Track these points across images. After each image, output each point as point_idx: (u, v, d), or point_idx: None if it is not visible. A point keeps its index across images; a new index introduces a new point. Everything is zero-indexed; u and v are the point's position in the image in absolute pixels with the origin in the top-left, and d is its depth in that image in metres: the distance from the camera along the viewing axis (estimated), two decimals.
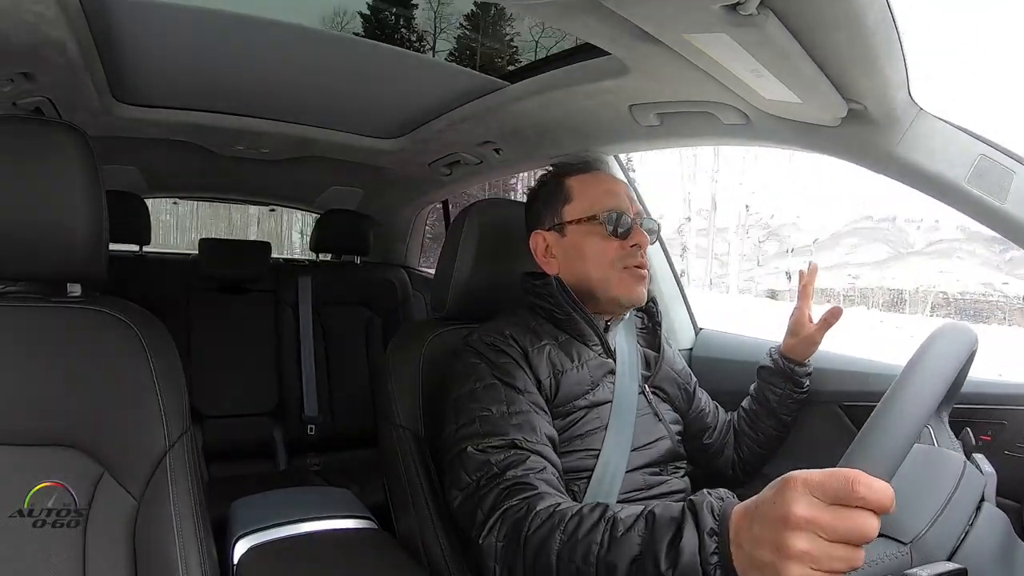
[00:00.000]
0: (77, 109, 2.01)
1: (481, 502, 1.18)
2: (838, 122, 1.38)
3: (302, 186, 3.51)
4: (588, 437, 1.41)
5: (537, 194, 1.63)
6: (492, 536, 1.13)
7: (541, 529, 1.06)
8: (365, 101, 2.21)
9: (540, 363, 1.42)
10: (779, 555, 0.73)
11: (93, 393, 1.15)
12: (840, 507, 0.71)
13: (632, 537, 0.95)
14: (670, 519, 0.92)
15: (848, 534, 0.71)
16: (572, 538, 1.01)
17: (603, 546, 0.97)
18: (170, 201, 4.97)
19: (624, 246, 1.50)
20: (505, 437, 1.26)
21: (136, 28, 1.63)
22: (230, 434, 3.00)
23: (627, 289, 1.50)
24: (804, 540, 0.71)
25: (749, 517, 0.80)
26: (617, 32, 1.23)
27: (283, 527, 1.58)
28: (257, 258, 3.28)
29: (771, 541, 0.74)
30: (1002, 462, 1.36)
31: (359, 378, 3.28)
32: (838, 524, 0.71)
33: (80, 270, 1.20)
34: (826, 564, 0.71)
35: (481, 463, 1.23)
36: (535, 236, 1.58)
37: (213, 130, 2.42)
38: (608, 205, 1.51)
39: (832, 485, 0.72)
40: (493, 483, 1.19)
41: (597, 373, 1.48)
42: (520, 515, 1.10)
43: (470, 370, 1.40)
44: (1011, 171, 1.32)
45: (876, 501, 0.70)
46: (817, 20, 1.01)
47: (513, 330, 1.47)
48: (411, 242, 3.82)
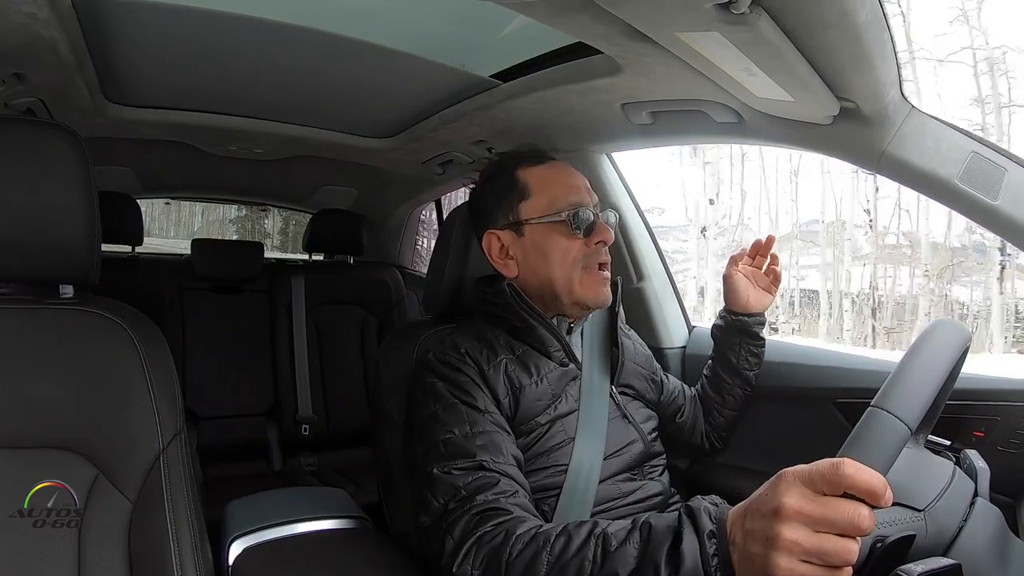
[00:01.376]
0: (69, 110, 2.00)
1: (451, 528, 1.11)
2: (830, 120, 1.38)
3: (295, 186, 3.50)
4: (555, 452, 1.35)
5: (484, 188, 1.51)
6: (467, 564, 1.06)
7: (524, 553, 1.00)
8: (358, 100, 2.21)
9: (497, 381, 1.34)
10: (768, 546, 0.74)
11: (86, 395, 1.14)
12: (830, 497, 0.72)
13: (628, 550, 0.91)
14: (667, 527, 0.89)
15: (837, 522, 0.71)
16: (561, 558, 0.96)
17: (596, 563, 0.93)
18: (163, 201, 4.95)
19: (588, 244, 1.40)
20: (471, 459, 1.19)
21: (128, 28, 1.62)
22: (224, 435, 2.99)
23: (592, 291, 1.41)
24: (793, 530, 0.72)
25: (743, 514, 0.81)
26: (610, 31, 1.23)
27: (278, 528, 1.58)
28: (250, 258, 3.27)
29: (762, 533, 0.75)
30: (995, 458, 1.37)
31: (353, 378, 3.27)
32: (827, 512, 0.72)
33: (73, 271, 1.19)
34: (816, 555, 0.72)
35: (448, 486, 1.16)
36: (488, 236, 1.46)
37: (205, 130, 2.42)
38: (570, 200, 1.41)
39: (819, 471, 0.73)
40: (463, 507, 1.12)
41: (559, 385, 1.41)
42: (498, 541, 1.04)
43: (429, 391, 1.33)
44: (1003, 168, 1.32)
45: (865, 484, 0.71)
46: (809, 19, 1.01)
47: (469, 345, 1.39)
48: (404, 241, 3.82)
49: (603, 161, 2.15)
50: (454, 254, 1.60)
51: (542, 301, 1.43)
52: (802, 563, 0.72)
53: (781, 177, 13.67)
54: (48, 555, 1.08)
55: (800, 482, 0.74)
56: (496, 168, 1.51)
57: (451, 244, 1.60)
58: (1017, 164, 1.33)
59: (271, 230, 9.44)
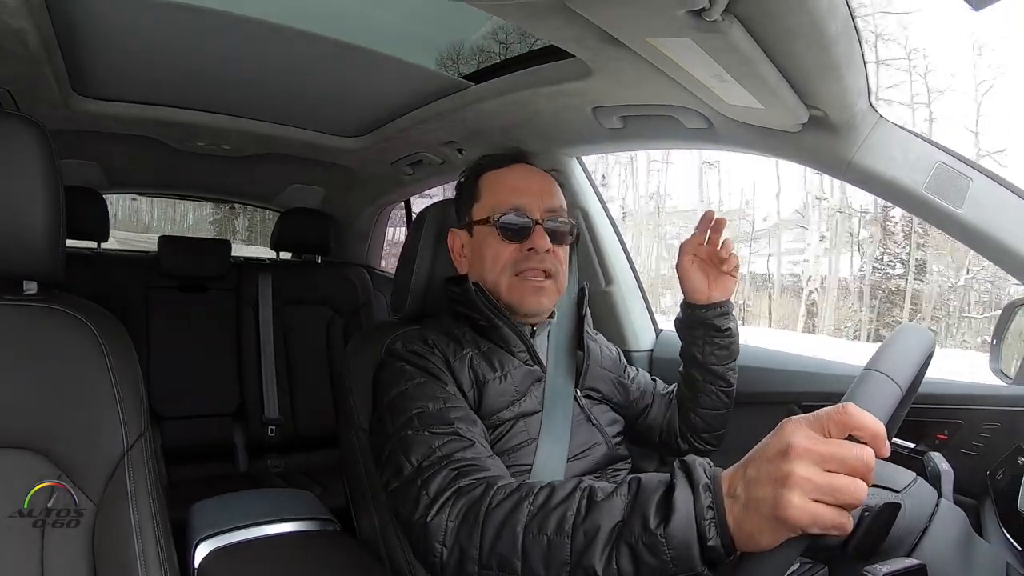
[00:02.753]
0: (36, 101, 1.97)
1: (426, 484, 1.07)
2: (799, 128, 1.39)
3: (263, 184, 3.46)
4: (517, 452, 1.34)
5: (459, 190, 1.57)
6: (443, 515, 1.02)
7: (505, 502, 0.97)
8: (328, 99, 2.20)
9: (462, 373, 1.34)
10: (777, 485, 0.72)
11: (48, 394, 1.12)
12: (836, 439, 0.73)
13: (615, 502, 0.88)
14: (659, 481, 0.86)
15: (847, 459, 0.72)
16: (543, 508, 0.93)
17: (580, 513, 0.90)
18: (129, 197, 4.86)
19: (520, 249, 1.41)
20: (447, 425, 1.18)
21: (98, 20, 1.60)
22: (189, 435, 2.94)
23: (519, 297, 1.41)
24: (804, 468, 0.72)
25: (742, 467, 0.79)
26: (582, 35, 1.24)
27: (244, 530, 1.57)
28: (217, 256, 3.22)
29: (770, 475, 0.74)
30: (959, 460, 1.39)
31: (320, 379, 3.24)
32: (836, 450, 0.72)
33: (36, 267, 1.16)
34: (829, 493, 0.71)
35: (424, 447, 1.14)
36: (451, 234, 1.53)
37: (174, 125, 2.38)
38: (510, 203, 1.42)
39: (826, 415, 0.74)
40: (440, 464, 1.10)
41: (523, 383, 1.40)
42: (478, 492, 1.02)
43: (398, 374, 1.32)
44: (968, 178, 1.35)
45: (870, 425, 0.72)
46: (780, 28, 1.02)
47: (435, 337, 1.40)
48: (372, 242, 3.79)
49: (573, 164, 2.16)
50: (422, 255, 1.59)
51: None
52: (814, 501, 0.71)
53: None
54: (10, 556, 1.06)
55: (806, 425, 0.74)
56: (468, 172, 1.55)
57: (419, 245, 1.59)
58: (982, 174, 1.36)
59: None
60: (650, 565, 0.82)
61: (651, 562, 0.81)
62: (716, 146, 1.69)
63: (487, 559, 0.96)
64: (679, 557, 0.80)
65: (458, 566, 0.99)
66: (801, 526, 0.71)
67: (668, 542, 0.80)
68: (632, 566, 0.83)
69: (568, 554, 0.88)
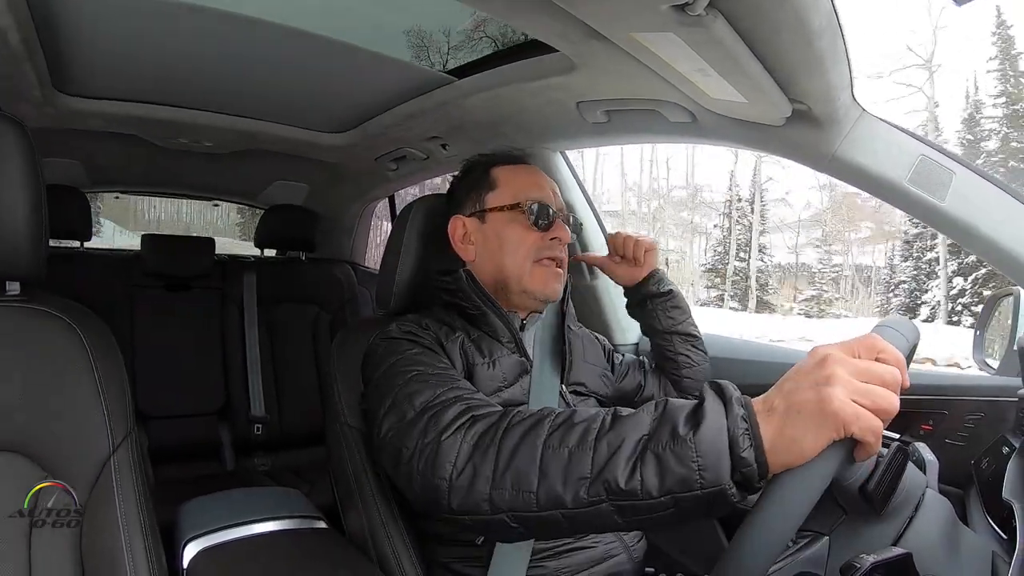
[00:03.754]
0: (17, 99, 1.95)
1: (436, 416, 1.05)
2: (783, 122, 1.40)
3: (247, 181, 3.44)
4: None
5: (461, 180, 1.59)
6: (458, 436, 0.99)
7: (526, 421, 0.95)
8: (312, 94, 2.19)
9: (454, 355, 1.36)
10: (823, 385, 0.75)
11: (33, 395, 1.10)
12: (870, 361, 0.78)
13: (641, 416, 0.86)
14: (687, 401, 0.85)
15: (879, 373, 0.76)
16: (565, 424, 0.91)
17: (604, 427, 0.88)
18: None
19: (544, 238, 1.47)
20: (451, 381, 1.18)
21: (80, 17, 1.58)
22: (176, 435, 2.93)
23: (542, 283, 1.46)
24: (843, 371, 0.75)
25: (778, 386, 0.81)
26: (566, 29, 1.23)
27: (233, 529, 1.56)
28: (201, 254, 3.20)
29: (811, 380, 0.77)
30: (944, 450, 1.40)
31: (306, 376, 3.23)
32: (869, 365, 0.76)
33: (19, 267, 1.15)
34: (867, 395, 0.74)
35: (428, 393, 1.12)
36: (454, 221, 1.53)
37: (156, 123, 2.36)
38: (533, 196, 1.48)
39: (856, 340, 0.80)
40: (449, 402, 1.07)
41: (511, 372, 1.43)
42: (495, 418, 0.99)
43: (393, 347, 1.31)
44: (951, 171, 1.36)
45: (893, 354, 0.78)
46: (764, 22, 1.02)
47: (428, 322, 1.43)
48: (357, 238, 3.78)
49: (557, 159, 2.16)
50: (407, 250, 1.59)
51: (494, 291, 1.47)
52: (855, 405, 0.73)
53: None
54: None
55: (837, 346, 0.79)
56: (473, 164, 1.59)
57: (404, 240, 1.59)
58: (964, 167, 1.37)
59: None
60: (677, 475, 0.79)
61: (678, 471, 0.79)
62: (700, 140, 1.69)
63: (501, 477, 0.92)
64: (708, 466, 0.78)
65: (468, 487, 0.95)
66: (844, 420, 0.73)
67: (697, 448, 0.78)
68: (657, 478, 0.80)
69: (589, 467, 0.85)
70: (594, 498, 0.85)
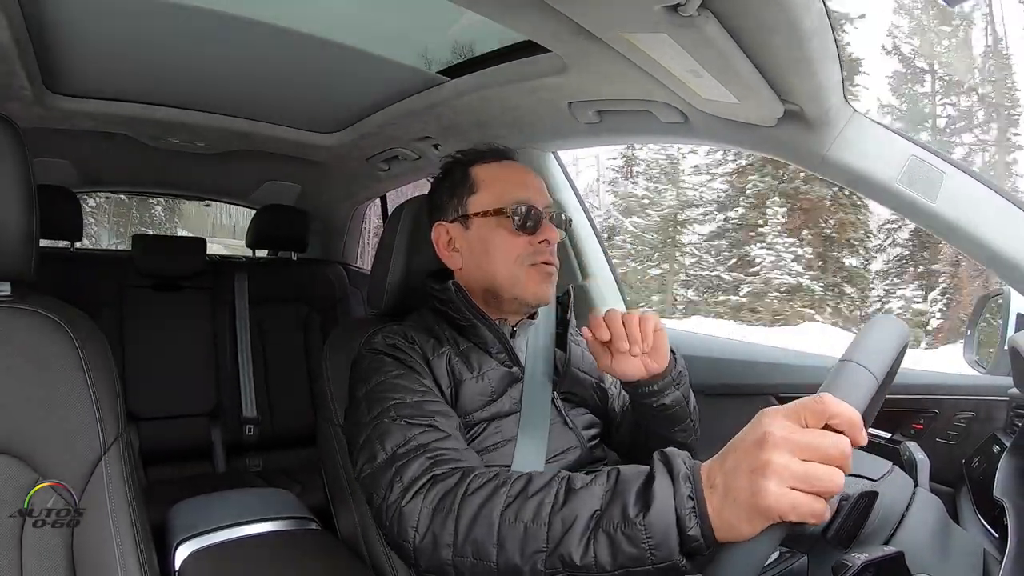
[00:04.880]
0: (7, 98, 1.94)
1: (401, 471, 1.07)
2: (774, 122, 1.40)
3: (238, 181, 3.44)
4: (491, 452, 1.33)
5: (441, 183, 1.51)
6: (418, 500, 1.01)
7: (482, 490, 0.97)
8: (303, 95, 2.19)
9: (440, 370, 1.33)
10: (755, 475, 0.73)
11: (23, 396, 1.09)
12: (813, 429, 0.74)
13: (593, 490, 0.88)
14: (637, 472, 0.87)
15: (824, 448, 0.72)
16: (520, 496, 0.93)
17: (558, 501, 0.89)
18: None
19: (532, 242, 1.39)
20: (425, 417, 1.17)
21: (71, 16, 1.58)
22: (167, 436, 2.91)
23: (533, 288, 1.40)
24: (781, 456, 0.72)
25: (720, 458, 0.80)
26: (558, 29, 1.24)
27: (224, 531, 1.56)
28: (192, 255, 3.18)
29: (748, 464, 0.74)
30: (934, 449, 1.41)
31: (298, 377, 3.22)
32: (812, 439, 0.73)
33: (9, 267, 1.14)
34: (806, 481, 0.72)
35: (399, 435, 1.13)
36: (437, 228, 1.48)
37: (147, 122, 2.36)
38: (517, 197, 1.40)
39: (802, 405, 0.74)
40: (416, 452, 1.09)
41: (500, 384, 1.39)
42: (453, 480, 1.01)
43: (377, 365, 1.31)
44: (941, 172, 1.36)
45: (847, 414, 0.73)
46: (756, 23, 1.03)
47: (415, 333, 1.39)
48: (348, 238, 3.77)
49: (548, 159, 2.16)
50: (398, 250, 1.58)
51: (484, 299, 1.43)
52: (791, 489, 0.72)
53: None
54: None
55: (782, 416, 0.75)
56: (452, 164, 1.52)
57: (395, 240, 1.59)
58: (955, 168, 1.37)
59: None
60: (629, 554, 0.81)
61: (630, 551, 0.81)
62: (692, 140, 1.69)
63: (462, 546, 0.95)
64: (658, 546, 0.80)
65: (431, 552, 0.98)
66: (779, 513, 0.72)
67: (648, 531, 0.80)
68: (610, 556, 0.83)
69: (545, 542, 0.88)
70: (550, 570, 0.88)
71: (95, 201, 19.76)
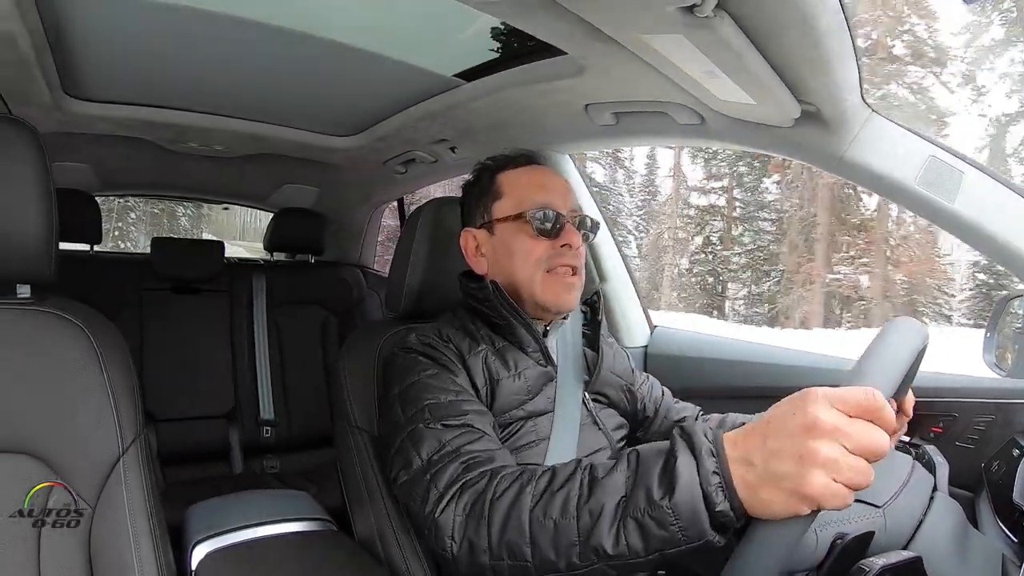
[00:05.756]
0: (27, 104, 1.96)
1: (435, 478, 1.09)
2: (791, 123, 1.39)
3: (256, 184, 3.44)
4: (525, 451, 1.34)
5: (470, 189, 1.53)
6: (451, 509, 1.03)
7: (508, 491, 0.98)
8: (321, 98, 2.19)
9: (476, 369, 1.34)
10: (802, 463, 0.72)
11: (43, 397, 1.11)
12: (862, 420, 0.73)
13: (616, 477, 0.88)
14: (658, 451, 0.86)
15: (869, 446, 0.72)
16: (546, 492, 0.94)
17: (583, 493, 0.90)
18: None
19: (554, 246, 1.39)
20: (459, 417, 1.18)
21: (89, 22, 1.59)
22: (185, 437, 2.93)
23: (553, 294, 1.39)
24: (830, 447, 0.71)
25: (759, 434, 0.78)
26: (574, 32, 1.24)
27: (241, 531, 1.56)
28: (210, 257, 3.21)
29: (792, 451, 0.73)
30: (953, 453, 1.40)
31: (315, 379, 3.24)
32: (862, 435, 0.72)
33: (29, 270, 1.15)
34: (845, 474, 0.71)
35: (434, 440, 1.15)
36: (465, 234, 1.49)
37: (166, 126, 2.38)
38: (537, 201, 1.40)
39: (854, 397, 0.73)
40: (449, 458, 1.11)
41: (536, 383, 1.39)
42: (482, 484, 1.03)
43: (412, 363, 1.32)
44: (960, 172, 1.35)
45: (889, 419, 0.73)
46: (772, 23, 1.02)
47: (451, 332, 1.40)
48: (366, 241, 3.78)
49: (565, 161, 2.16)
50: (417, 253, 1.59)
51: (514, 300, 1.42)
52: (833, 482, 0.71)
53: None
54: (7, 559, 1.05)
55: (831, 402, 0.73)
56: (480, 170, 1.53)
57: (413, 243, 1.59)
58: (974, 168, 1.36)
59: None
60: (660, 537, 0.81)
61: (661, 534, 0.81)
62: (709, 142, 1.69)
63: (497, 549, 0.96)
64: (689, 526, 0.79)
65: (470, 559, 1.00)
66: (820, 500, 0.72)
67: (675, 512, 0.80)
68: (642, 541, 0.83)
69: (576, 535, 0.88)
70: (586, 562, 0.88)
71: (135, 215, 20.00)
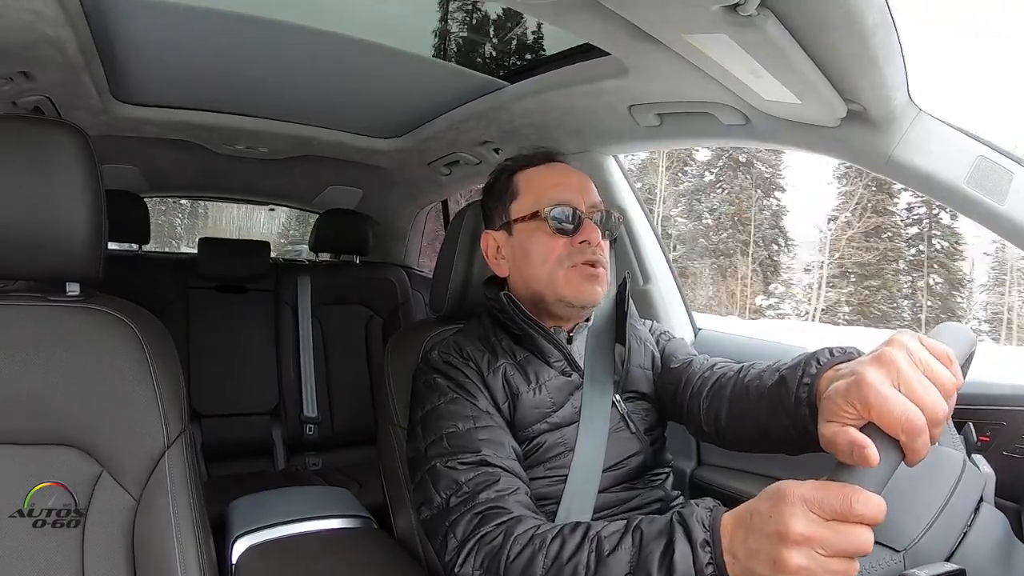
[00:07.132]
0: (77, 108, 2.01)
1: (454, 526, 1.11)
2: (837, 123, 1.38)
3: (301, 185, 3.50)
4: (553, 462, 1.32)
5: (490, 191, 1.52)
6: (468, 565, 1.06)
7: (522, 556, 1.01)
8: (365, 101, 2.22)
9: (496, 386, 1.33)
10: (775, 569, 0.73)
11: (92, 392, 1.14)
12: (838, 523, 0.71)
13: (620, 555, 0.91)
14: (658, 532, 0.89)
15: (846, 550, 0.71)
16: (556, 562, 0.97)
17: (590, 568, 0.93)
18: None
19: (572, 243, 1.36)
20: (475, 453, 1.19)
21: (136, 27, 1.63)
22: (228, 433, 2.98)
23: (575, 288, 1.35)
24: (802, 556, 0.71)
25: (744, 528, 0.79)
26: (617, 32, 1.24)
27: (282, 527, 1.59)
28: (256, 257, 3.26)
29: (768, 555, 0.74)
30: (1001, 463, 1.36)
31: (359, 378, 3.27)
32: (836, 540, 0.71)
33: (79, 269, 1.19)
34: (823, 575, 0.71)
35: (451, 481, 1.16)
36: (485, 236, 1.48)
37: (212, 129, 2.43)
38: (554, 199, 1.37)
39: (830, 502, 0.71)
40: (466, 506, 1.12)
41: (559, 394, 1.36)
42: (498, 543, 1.05)
43: (432, 387, 1.33)
44: (1010, 172, 1.32)
45: (872, 517, 0.70)
46: (817, 21, 1.01)
47: (472, 347, 1.39)
48: (410, 242, 3.82)
49: (609, 162, 2.14)
50: (460, 254, 1.60)
51: (535, 305, 1.41)
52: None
53: None
54: (50, 553, 1.08)
55: (806, 507, 0.72)
56: (499, 172, 1.51)
57: (457, 244, 1.60)
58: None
59: None
60: None
61: None
62: (754, 142, 1.67)
63: None
64: None
65: None
66: None
67: None
68: None
69: None
70: None
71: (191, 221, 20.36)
